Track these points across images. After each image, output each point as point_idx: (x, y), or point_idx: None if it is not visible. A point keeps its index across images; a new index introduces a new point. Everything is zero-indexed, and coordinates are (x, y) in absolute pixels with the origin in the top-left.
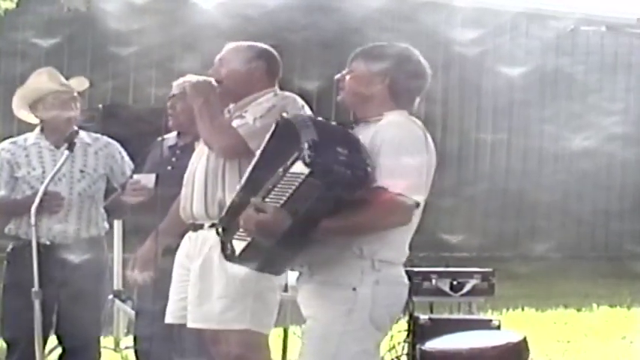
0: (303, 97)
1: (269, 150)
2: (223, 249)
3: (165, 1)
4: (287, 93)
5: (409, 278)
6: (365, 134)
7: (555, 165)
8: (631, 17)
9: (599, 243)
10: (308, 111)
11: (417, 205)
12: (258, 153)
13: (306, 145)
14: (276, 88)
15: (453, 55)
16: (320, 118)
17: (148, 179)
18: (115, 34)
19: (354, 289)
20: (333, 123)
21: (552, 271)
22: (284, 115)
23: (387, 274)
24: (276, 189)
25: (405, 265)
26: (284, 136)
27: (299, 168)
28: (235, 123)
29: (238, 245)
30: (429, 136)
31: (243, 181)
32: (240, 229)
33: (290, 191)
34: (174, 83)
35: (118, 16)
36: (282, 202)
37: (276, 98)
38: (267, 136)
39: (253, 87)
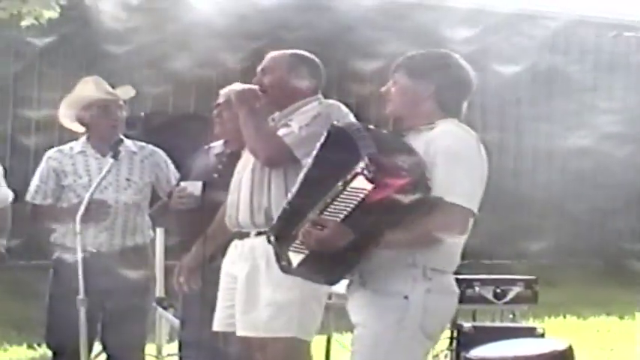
0: None
1: (321, 159)
2: (278, 259)
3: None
4: (331, 101)
5: None
6: (417, 143)
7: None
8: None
9: None
10: (352, 118)
11: (473, 214)
12: (310, 162)
13: (366, 160)
14: (320, 95)
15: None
16: (372, 127)
17: (194, 187)
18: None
19: (406, 297)
20: (385, 131)
21: (591, 278)
22: (336, 123)
23: (438, 282)
24: (335, 203)
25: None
26: (337, 145)
27: (360, 183)
28: (281, 132)
29: (295, 257)
30: (481, 144)
31: (294, 190)
32: (297, 241)
33: (351, 206)
34: (221, 91)
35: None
36: (342, 216)
37: (320, 106)
38: (319, 145)
39: (297, 95)
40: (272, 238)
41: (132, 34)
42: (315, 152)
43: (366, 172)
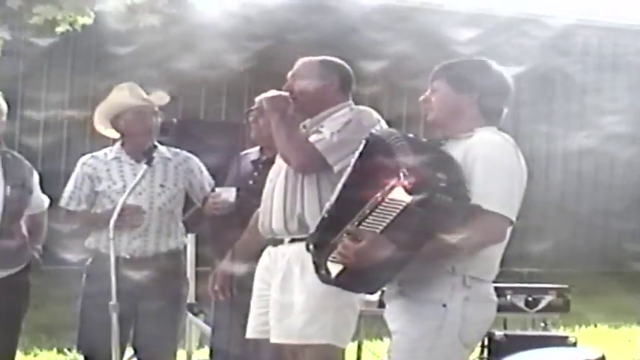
0: None
1: (359, 167)
2: (317, 269)
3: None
4: (362, 107)
5: None
6: (456, 151)
7: None
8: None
9: None
10: (384, 124)
11: (511, 223)
12: (348, 170)
13: (405, 171)
14: (351, 101)
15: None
16: (411, 135)
17: (229, 193)
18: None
19: (444, 305)
20: (424, 140)
21: (624, 286)
22: (374, 132)
23: (477, 291)
24: (373, 214)
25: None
26: (375, 153)
27: (399, 195)
28: (312, 138)
29: (334, 268)
30: (520, 152)
31: (333, 198)
32: (336, 252)
33: (390, 218)
34: (257, 98)
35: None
36: (381, 228)
37: (352, 112)
38: (357, 153)
39: (328, 102)
40: (311, 247)
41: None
42: (353, 161)
43: (405, 183)
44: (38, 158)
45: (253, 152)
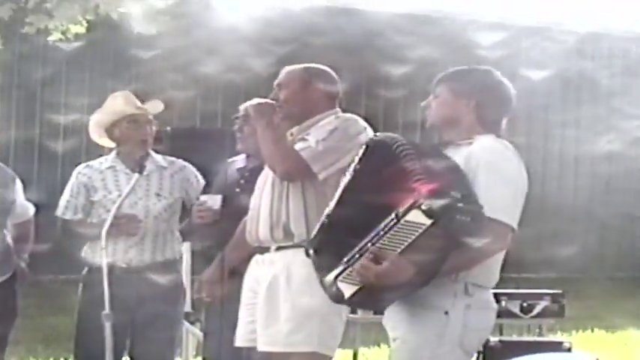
0: None
1: (361, 172)
2: (324, 287)
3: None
4: (348, 115)
5: None
6: (456, 157)
7: None
8: None
9: None
10: (370, 131)
11: (513, 229)
12: (348, 175)
13: (423, 193)
14: (337, 109)
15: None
16: (413, 142)
17: (213, 200)
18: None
19: (446, 312)
20: (426, 145)
21: (619, 290)
22: (375, 137)
23: (478, 298)
24: (389, 235)
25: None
26: (378, 158)
27: (418, 218)
28: (298, 146)
29: (348, 289)
30: (520, 159)
31: (333, 203)
32: (348, 272)
33: (408, 240)
34: (241, 106)
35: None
36: (399, 250)
37: (338, 120)
38: (357, 158)
39: (314, 109)
40: (311, 252)
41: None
42: (353, 165)
43: (423, 206)
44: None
45: (240, 160)
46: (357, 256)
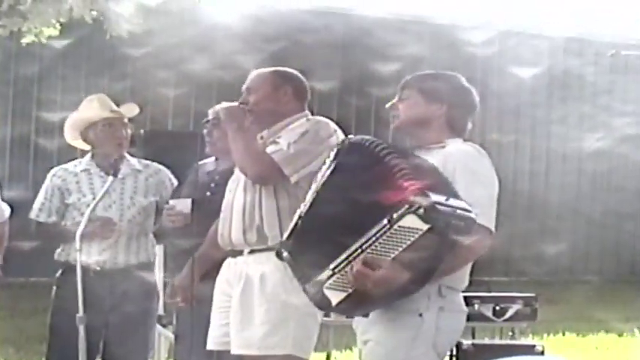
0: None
1: (335, 173)
2: (305, 290)
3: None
4: (319, 117)
5: None
6: (431, 160)
7: None
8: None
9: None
10: (341, 134)
11: (491, 232)
12: (321, 176)
13: (415, 196)
14: (307, 112)
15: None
16: (389, 143)
17: (183, 204)
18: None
19: (420, 314)
20: (402, 147)
21: (590, 294)
22: (349, 138)
23: (450, 300)
24: (381, 240)
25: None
26: (353, 159)
27: (414, 223)
28: (269, 149)
29: (334, 296)
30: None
31: (306, 206)
32: (335, 279)
33: (403, 245)
34: (210, 110)
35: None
36: (393, 255)
37: (308, 123)
38: (330, 160)
39: (283, 112)
40: (285, 254)
41: (149, 37)
42: (325, 167)
43: (418, 210)
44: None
45: (209, 163)
46: (345, 262)
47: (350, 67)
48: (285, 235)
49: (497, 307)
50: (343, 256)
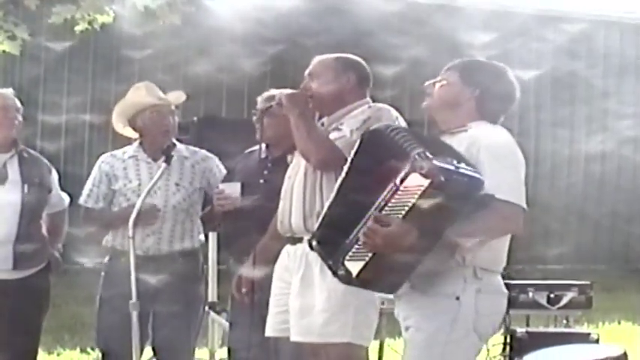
0: None
1: (359, 163)
2: (334, 272)
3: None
4: (380, 105)
5: None
6: (454, 144)
7: None
8: None
9: None
10: (402, 121)
11: (524, 210)
12: (345, 168)
13: (417, 157)
14: (369, 99)
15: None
16: (409, 129)
17: (233, 188)
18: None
19: (457, 298)
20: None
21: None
22: (373, 128)
23: (488, 282)
24: (390, 203)
25: (503, 278)
26: (375, 147)
27: (416, 180)
28: (332, 135)
29: (354, 266)
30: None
31: (332, 196)
32: (354, 249)
33: (409, 204)
34: (259, 98)
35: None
36: (402, 214)
37: (370, 110)
38: (353, 152)
39: (346, 99)
40: (314, 244)
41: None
42: (350, 158)
43: (419, 168)
44: (60, 161)
45: (259, 150)
46: (360, 229)
47: None
48: (316, 225)
49: (552, 295)
50: (357, 228)
